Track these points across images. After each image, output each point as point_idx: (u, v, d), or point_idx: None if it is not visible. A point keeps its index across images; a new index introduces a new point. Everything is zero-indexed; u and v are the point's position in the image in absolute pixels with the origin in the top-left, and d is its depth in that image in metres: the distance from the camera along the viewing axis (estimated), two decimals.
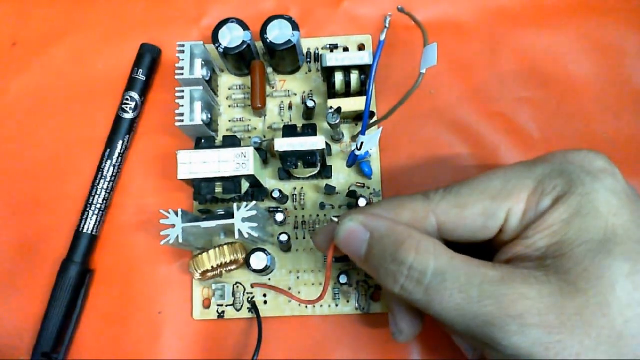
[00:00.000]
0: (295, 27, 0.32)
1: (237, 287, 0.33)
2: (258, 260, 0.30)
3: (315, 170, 0.32)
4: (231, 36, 0.32)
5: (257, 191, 0.32)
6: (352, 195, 0.32)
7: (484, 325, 0.21)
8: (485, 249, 0.25)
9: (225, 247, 0.31)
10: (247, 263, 0.30)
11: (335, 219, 0.25)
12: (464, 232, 0.24)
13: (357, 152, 0.31)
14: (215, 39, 0.32)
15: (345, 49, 0.35)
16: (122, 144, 0.34)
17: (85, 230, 0.33)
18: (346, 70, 0.32)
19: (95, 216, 0.33)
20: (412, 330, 0.27)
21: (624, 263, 0.21)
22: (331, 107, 0.32)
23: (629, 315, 0.20)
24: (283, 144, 0.29)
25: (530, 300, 0.20)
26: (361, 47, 0.36)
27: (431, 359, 0.31)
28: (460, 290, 0.21)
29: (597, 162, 0.23)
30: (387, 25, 0.30)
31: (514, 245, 0.23)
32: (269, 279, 0.33)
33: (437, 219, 0.24)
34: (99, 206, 0.33)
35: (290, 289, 0.32)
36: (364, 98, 0.31)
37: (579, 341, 0.20)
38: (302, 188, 0.33)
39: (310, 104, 0.32)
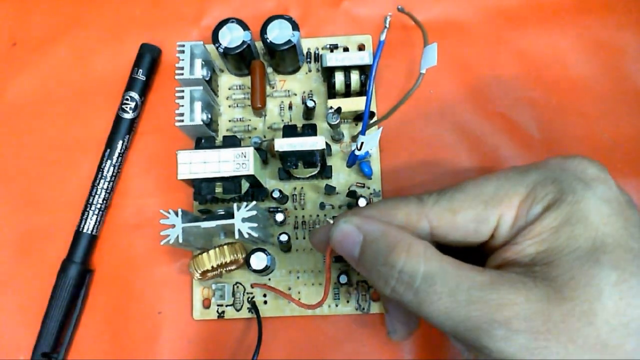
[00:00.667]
0: (295, 27, 0.32)
1: (237, 287, 0.33)
2: (258, 260, 0.30)
3: (315, 170, 0.32)
4: (231, 36, 0.32)
5: (257, 191, 0.32)
6: (352, 195, 0.32)
7: (471, 329, 0.21)
8: (477, 253, 0.25)
9: (225, 247, 0.31)
10: (247, 263, 0.30)
11: (332, 220, 0.25)
12: (456, 236, 0.24)
13: (357, 152, 0.31)
14: (215, 39, 0.32)
15: (345, 49, 0.35)
16: (122, 144, 0.34)
17: (85, 230, 0.33)
18: (346, 70, 0.32)
19: (95, 216, 0.33)
20: (407, 329, 0.27)
21: (611, 272, 0.20)
22: (331, 107, 0.32)
23: (614, 324, 0.20)
24: (283, 144, 0.29)
25: (517, 305, 0.20)
26: (361, 47, 0.35)
27: (430, 359, 0.31)
28: (449, 294, 0.21)
29: (590, 170, 0.23)
30: (387, 25, 0.30)
31: (504, 250, 0.23)
32: (269, 279, 0.33)
33: (430, 223, 0.24)
34: (98, 206, 0.33)
35: (290, 289, 0.32)
36: (364, 98, 0.31)
37: (564, 348, 0.20)
38: (302, 188, 0.33)
39: (310, 104, 0.32)
